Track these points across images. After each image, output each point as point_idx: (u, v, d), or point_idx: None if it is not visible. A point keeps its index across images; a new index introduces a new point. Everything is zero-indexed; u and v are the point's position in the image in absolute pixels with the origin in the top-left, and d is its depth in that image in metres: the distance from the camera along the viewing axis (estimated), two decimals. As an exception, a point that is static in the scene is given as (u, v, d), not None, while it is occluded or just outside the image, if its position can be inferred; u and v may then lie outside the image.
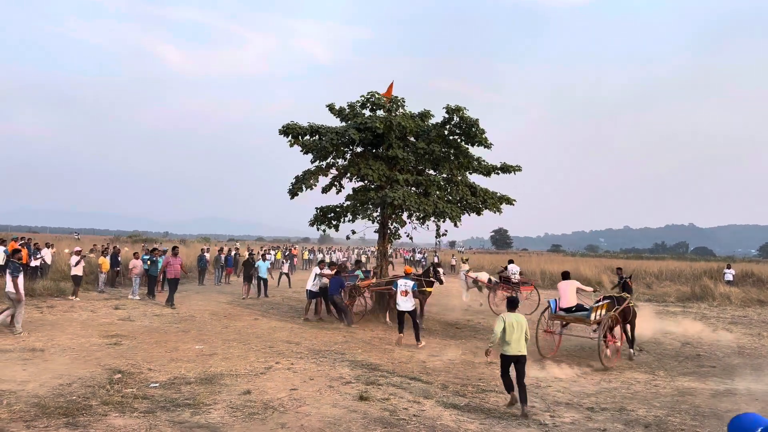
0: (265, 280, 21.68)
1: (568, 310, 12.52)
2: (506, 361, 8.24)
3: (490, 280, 20.98)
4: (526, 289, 21.42)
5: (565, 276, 13.18)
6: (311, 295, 16.62)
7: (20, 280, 12.37)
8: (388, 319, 16.04)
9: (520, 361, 8.14)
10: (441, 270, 16.58)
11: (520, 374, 8.10)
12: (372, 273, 17.74)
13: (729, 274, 29.74)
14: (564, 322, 12.80)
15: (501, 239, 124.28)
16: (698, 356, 13.05)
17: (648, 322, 16.39)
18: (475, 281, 21.21)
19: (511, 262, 22.31)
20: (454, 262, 46.60)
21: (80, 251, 19.61)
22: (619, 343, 12.33)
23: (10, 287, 12.40)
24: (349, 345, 12.64)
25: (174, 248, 19.71)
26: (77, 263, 18.30)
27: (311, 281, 16.67)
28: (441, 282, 16.38)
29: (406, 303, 13.07)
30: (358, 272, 17.61)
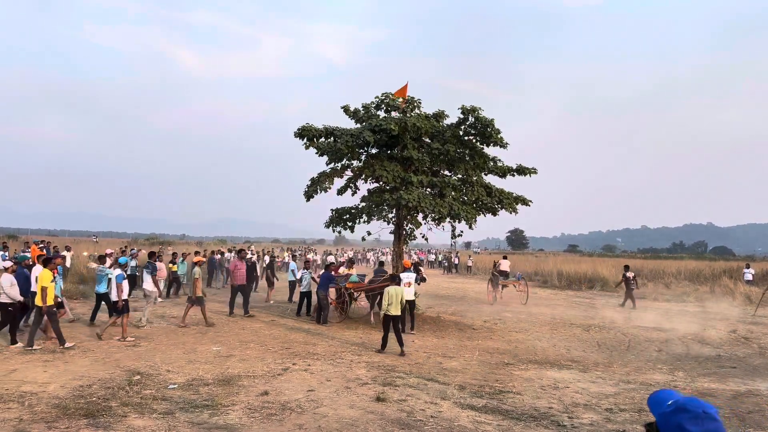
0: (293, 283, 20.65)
1: (506, 275, 24.10)
2: (387, 318, 11.86)
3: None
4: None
5: (505, 257, 26.04)
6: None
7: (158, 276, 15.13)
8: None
9: (396, 319, 11.89)
10: (422, 269, 17.23)
11: (397, 328, 11.92)
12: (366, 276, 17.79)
13: (748, 274, 29.43)
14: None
15: (517, 240, 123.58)
16: (718, 357, 12.89)
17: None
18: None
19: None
20: (470, 263, 46.52)
21: (112, 253, 19.74)
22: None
23: (148, 285, 14.46)
24: (366, 346, 12.65)
25: (240, 252, 18.66)
26: (110, 266, 18.44)
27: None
28: (424, 279, 17.71)
29: (407, 293, 14.29)
30: (354, 276, 17.67)
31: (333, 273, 16.82)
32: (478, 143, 16.53)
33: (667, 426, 1.86)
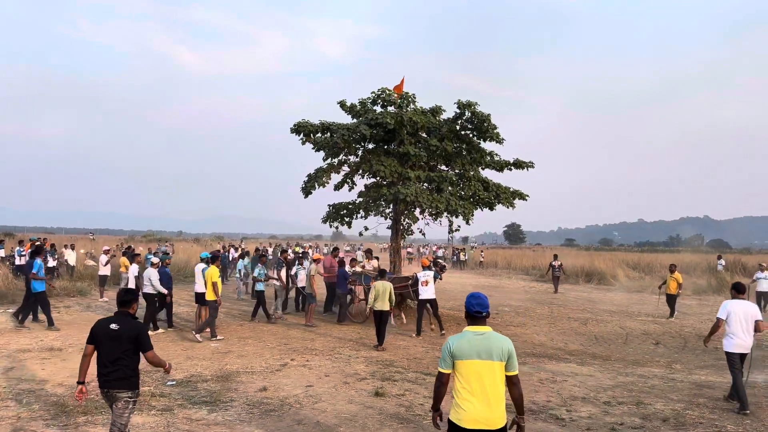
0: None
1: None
2: (377, 314, 12.04)
3: None
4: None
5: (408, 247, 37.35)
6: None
7: (283, 273, 16.14)
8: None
9: (384, 314, 12.04)
10: (440, 262, 17.20)
11: (384, 322, 12.06)
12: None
13: (719, 265, 30.14)
14: None
15: (514, 234, 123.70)
16: (716, 349, 12.92)
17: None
18: None
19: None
20: (482, 258, 46.43)
21: (109, 250, 19.54)
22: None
23: (301, 281, 15.84)
24: (364, 342, 12.66)
25: (335, 249, 18.06)
26: (107, 263, 18.23)
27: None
28: (442, 271, 17.25)
29: (427, 292, 13.69)
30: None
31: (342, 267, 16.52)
32: (475, 138, 16.51)
33: (467, 304, 4.48)
